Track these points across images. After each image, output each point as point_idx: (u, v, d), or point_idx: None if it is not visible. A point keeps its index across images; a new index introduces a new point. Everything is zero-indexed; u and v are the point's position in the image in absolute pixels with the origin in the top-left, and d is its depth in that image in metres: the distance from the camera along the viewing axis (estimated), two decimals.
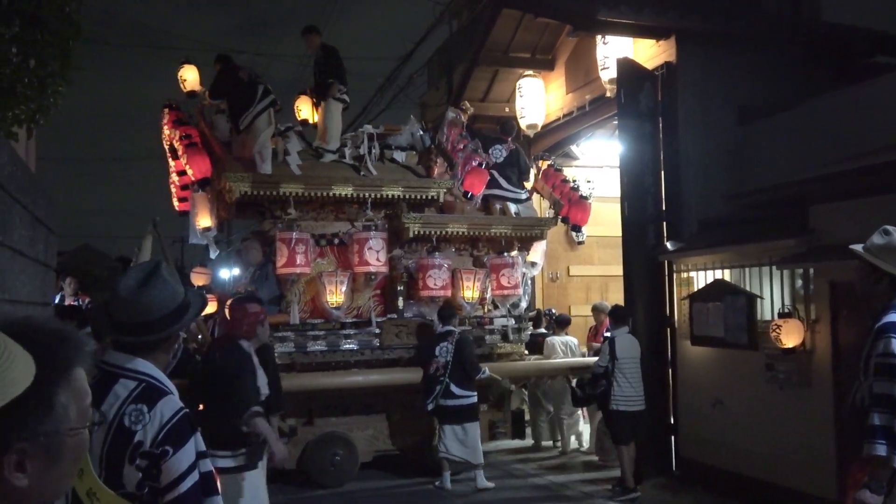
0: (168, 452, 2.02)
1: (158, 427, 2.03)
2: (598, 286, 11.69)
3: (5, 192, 3.18)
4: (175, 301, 2.20)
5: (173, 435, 2.04)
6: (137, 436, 2.03)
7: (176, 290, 2.22)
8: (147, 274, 2.19)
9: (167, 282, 2.20)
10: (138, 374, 2.11)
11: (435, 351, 7.63)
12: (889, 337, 3.30)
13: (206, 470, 2.10)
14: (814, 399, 6.32)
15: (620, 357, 7.30)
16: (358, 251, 8.08)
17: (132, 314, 2.15)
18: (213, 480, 2.14)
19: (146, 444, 2.02)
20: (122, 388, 2.08)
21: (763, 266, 6.92)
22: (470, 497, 7.38)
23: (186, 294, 2.26)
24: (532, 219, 9.33)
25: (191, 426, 2.10)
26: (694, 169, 8.01)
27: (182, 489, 2.01)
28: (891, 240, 3.45)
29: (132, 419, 2.04)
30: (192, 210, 8.72)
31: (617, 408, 7.29)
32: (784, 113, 7.68)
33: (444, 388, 7.51)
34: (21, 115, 3.47)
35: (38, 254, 4.13)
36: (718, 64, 8.13)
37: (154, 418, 2.04)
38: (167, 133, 8.54)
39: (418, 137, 9.19)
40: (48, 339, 1.20)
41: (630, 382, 7.28)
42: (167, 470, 2.01)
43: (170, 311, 2.18)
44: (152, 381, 2.12)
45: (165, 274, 2.21)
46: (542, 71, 11.05)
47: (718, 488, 7.21)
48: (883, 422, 3.22)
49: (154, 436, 2.03)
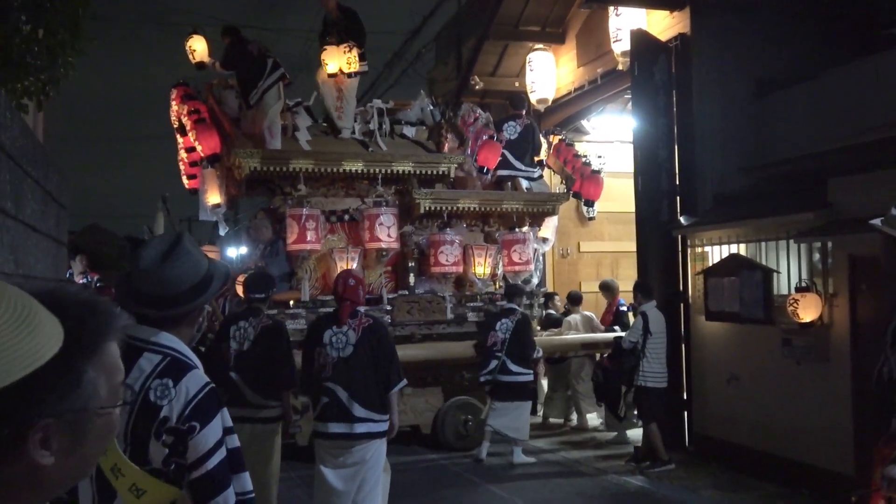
0: (195, 428, 1.96)
1: (185, 402, 1.98)
2: (608, 262, 11.63)
3: (17, 166, 3.12)
4: (199, 274, 2.13)
5: (200, 410, 1.98)
6: (163, 411, 1.97)
7: (199, 261, 2.15)
8: (170, 246, 2.12)
9: (191, 253, 2.13)
10: (163, 348, 2.05)
11: (495, 325, 7.66)
12: None
13: (234, 446, 2.05)
14: (832, 374, 6.26)
15: (654, 332, 7.22)
16: (369, 227, 8.02)
17: (156, 288, 2.08)
18: (241, 456, 2.09)
19: (172, 420, 1.97)
20: (146, 362, 2.02)
21: (780, 240, 6.84)
22: (498, 473, 7.36)
23: (209, 266, 2.18)
24: (544, 194, 9.24)
25: (217, 401, 2.04)
26: (709, 142, 7.90)
27: (210, 465, 1.97)
28: None
29: (157, 394, 1.98)
30: (201, 187, 8.66)
31: (646, 384, 7.21)
32: (802, 84, 7.54)
33: (500, 364, 7.54)
34: (31, 87, 3.40)
35: (50, 229, 4.08)
36: (734, 35, 7.98)
37: (180, 393, 1.98)
38: (176, 109, 8.45)
39: (428, 112, 9.09)
40: (78, 311, 1.12)
41: (658, 359, 7.21)
42: (194, 446, 1.96)
43: (194, 284, 2.11)
44: (177, 355, 2.06)
45: (189, 245, 2.14)
46: (552, 44, 10.91)
47: (733, 464, 7.18)
48: None
49: (180, 411, 1.97)
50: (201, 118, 7.90)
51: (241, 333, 5.43)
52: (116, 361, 1.16)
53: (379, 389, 4.87)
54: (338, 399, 4.80)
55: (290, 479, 6.95)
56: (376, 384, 4.86)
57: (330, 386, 4.83)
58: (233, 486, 2.01)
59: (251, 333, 5.43)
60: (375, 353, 4.89)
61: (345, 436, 4.81)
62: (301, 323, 7.83)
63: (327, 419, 4.84)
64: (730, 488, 6.70)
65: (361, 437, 4.81)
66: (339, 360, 4.85)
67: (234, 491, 2.01)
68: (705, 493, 6.63)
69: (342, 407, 4.79)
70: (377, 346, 4.92)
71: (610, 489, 6.85)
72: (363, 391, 4.82)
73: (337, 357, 4.85)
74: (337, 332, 4.90)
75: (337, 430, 4.82)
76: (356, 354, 4.85)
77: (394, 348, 5.06)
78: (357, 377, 4.82)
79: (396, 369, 4.94)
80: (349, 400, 4.79)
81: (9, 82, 3.18)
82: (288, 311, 7.81)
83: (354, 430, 4.80)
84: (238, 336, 5.42)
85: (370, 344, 4.89)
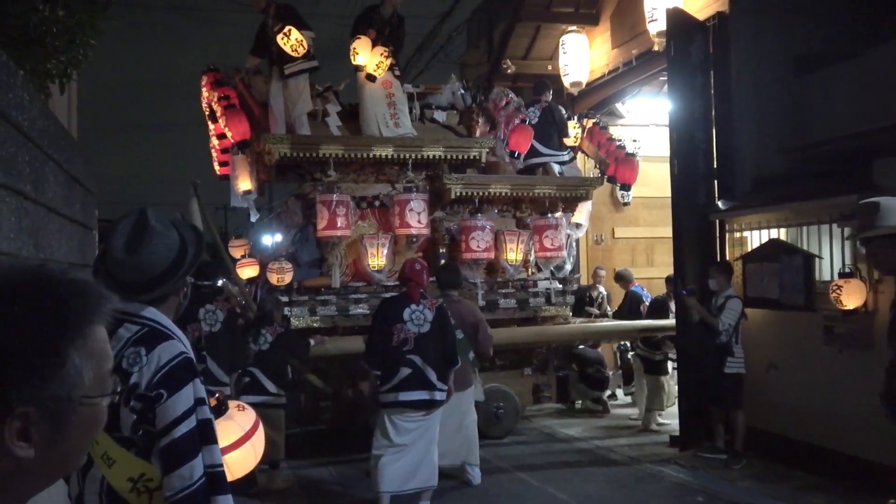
0: (162, 396, 1.96)
1: (154, 370, 1.99)
2: (643, 248, 11.42)
3: (37, 148, 3.09)
4: (172, 250, 2.12)
5: (169, 378, 1.98)
6: (133, 377, 1.98)
7: (170, 238, 2.12)
8: (135, 230, 2.09)
9: (160, 234, 2.10)
10: (143, 319, 2.07)
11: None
12: None
13: (205, 417, 2.02)
14: (876, 362, 6.02)
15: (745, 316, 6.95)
16: (399, 213, 7.95)
17: (133, 275, 2.08)
18: (212, 428, 2.05)
19: (142, 387, 1.98)
20: (125, 331, 2.04)
21: (822, 224, 6.61)
22: (528, 460, 7.27)
23: (181, 236, 2.15)
24: (577, 178, 9.09)
25: (190, 371, 2.03)
26: (748, 123, 7.65)
27: (176, 434, 1.95)
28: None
29: (129, 361, 2.00)
30: (232, 173, 8.65)
31: (731, 370, 6.91)
32: (845, 62, 7.25)
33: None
34: (52, 70, 3.36)
35: (75, 214, 4.06)
36: (773, 12, 7.70)
37: (151, 361, 1.99)
38: (206, 95, 8.44)
39: (459, 97, 8.97)
40: (63, 290, 1.03)
41: (741, 344, 6.97)
42: (161, 413, 1.96)
43: (170, 262, 2.11)
44: (156, 326, 2.06)
45: (155, 224, 2.11)
46: (585, 26, 10.69)
47: (771, 454, 7.00)
48: None
49: (150, 378, 1.98)
50: (231, 104, 7.88)
51: (211, 316, 6.11)
52: (104, 347, 1.07)
53: (446, 362, 5.61)
54: (420, 370, 5.47)
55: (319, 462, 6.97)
56: (443, 357, 5.59)
57: (413, 358, 5.48)
58: (201, 457, 1.98)
59: (220, 316, 6.15)
60: (445, 330, 5.65)
61: (426, 403, 5.52)
62: (332, 309, 7.83)
63: (410, 388, 5.48)
64: (767, 478, 6.53)
65: (437, 403, 5.56)
66: (419, 335, 5.52)
67: (204, 463, 1.98)
68: (742, 483, 6.47)
69: (424, 377, 5.47)
70: (446, 324, 5.69)
71: (644, 479, 6.72)
72: (437, 363, 5.54)
73: (417, 332, 5.53)
74: (416, 311, 5.59)
75: (419, 398, 5.49)
76: (432, 331, 5.56)
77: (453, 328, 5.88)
78: (433, 351, 5.53)
79: (455, 347, 5.75)
80: (430, 370, 5.49)
81: (29, 63, 3.14)
82: (318, 297, 7.79)
83: (434, 397, 5.53)
84: (208, 318, 6.09)
85: (441, 321, 5.63)
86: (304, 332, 7.43)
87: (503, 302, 8.33)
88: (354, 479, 6.77)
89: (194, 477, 1.95)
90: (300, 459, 7.31)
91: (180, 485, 1.93)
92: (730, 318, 6.88)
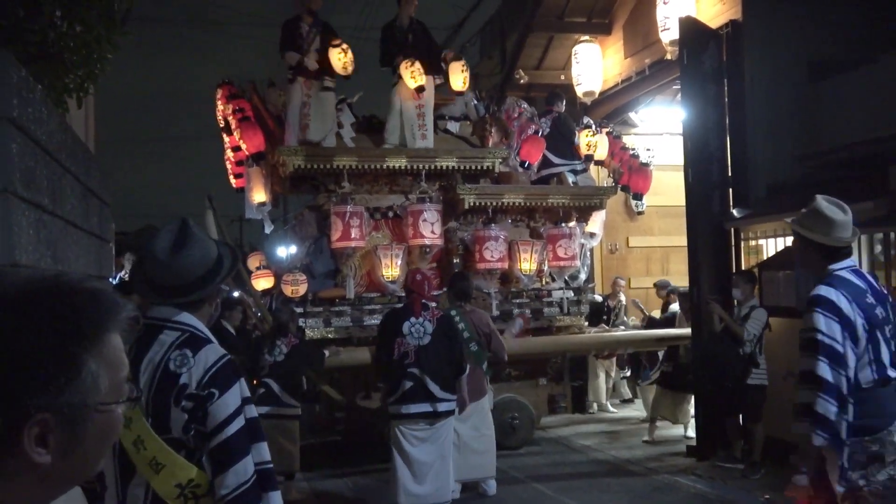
0: (214, 395, 2.01)
1: (203, 370, 2.03)
2: (658, 257, 11.38)
3: (55, 161, 3.12)
4: (210, 258, 2.18)
5: (218, 377, 2.03)
6: (182, 378, 2.03)
7: (209, 247, 2.20)
8: (178, 235, 2.16)
9: (201, 240, 2.18)
10: (181, 325, 2.13)
11: None
12: (814, 311, 3.18)
13: (252, 416, 2.07)
14: None
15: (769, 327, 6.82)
16: (413, 224, 7.97)
17: (172, 278, 2.14)
18: (259, 426, 2.10)
19: (192, 386, 2.02)
20: (166, 336, 2.10)
21: None
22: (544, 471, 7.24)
23: (219, 247, 2.24)
24: (591, 188, 9.08)
25: (235, 371, 2.08)
26: (762, 131, 7.63)
27: (229, 432, 1.99)
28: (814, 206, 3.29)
29: (177, 363, 2.05)
30: (247, 185, 8.71)
31: (755, 382, 6.77)
32: (860, 68, 7.22)
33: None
34: (70, 84, 3.41)
35: (92, 226, 4.10)
36: (787, 18, 7.69)
37: (199, 362, 2.05)
38: (221, 108, 8.52)
39: (472, 107, 8.99)
40: (79, 298, 1.05)
41: (764, 355, 6.82)
42: (213, 412, 2.00)
43: (206, 270, 2.17)
44: (195, 331, 2.13)
45: (197, 231, 2.19)
46: (598, 35, 10.70)
47: (789, 463, 6.91)
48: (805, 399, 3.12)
49: (199, 378, 2.03)
50: (245, 116, 7.95)
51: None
52: (119, 355, 1.08)
53: (451, 373, 5.57)
54: (422, 383, 5.45)
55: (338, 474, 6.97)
56: (449, 368, 5.55)
57: (414, 371, 5.46)
58: (252, 455, 2.02)
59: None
60: (450, 340, 5.62)
61: (430, 414, 5.49)
62: (346, 320, 7.85)
63: (413, 400, 5.47)
64: (785, 488, 6.44)
65: (442, 414, 5.52)
66: (419, 347, 5.50)
67: (253, 461, 2.02)
68: (760, 493, 6.40)
69: (426, 389, 5.44)
70: (450, 334, 5.67)
71: (661, 489, 6.67)
72: (440, 375, 5.50)
73: (417, 345, 5.51)
74: (415, 323, 5.56)
75: (422, 410, 5.48)
76: (433, 342, 5.52)
77: (461, 337, 5.90)
78: (435, 362, 5.49)
79: (463, 356, 5.72)
80: (431, 383, 5.44)
81: (47, 77, 3.19)
82: (333, 308, 7.81)
83: (438, 408, 5.49)
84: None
85: (444, 333, 5.59)
86: (319, 343, 7.45)
87: (517, 312, 8.31)
88: (370, 490, 6.77)
89: (248, 473, 1.98)
90: (315, 470, 7.32)
91: (235, 482, 1.96)
92: (755, 328, 6.76)
